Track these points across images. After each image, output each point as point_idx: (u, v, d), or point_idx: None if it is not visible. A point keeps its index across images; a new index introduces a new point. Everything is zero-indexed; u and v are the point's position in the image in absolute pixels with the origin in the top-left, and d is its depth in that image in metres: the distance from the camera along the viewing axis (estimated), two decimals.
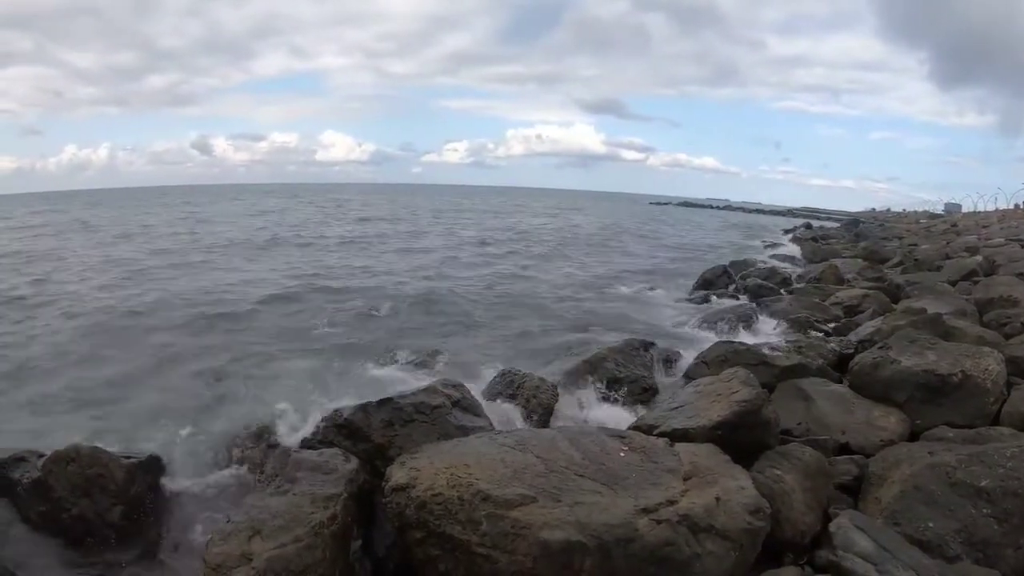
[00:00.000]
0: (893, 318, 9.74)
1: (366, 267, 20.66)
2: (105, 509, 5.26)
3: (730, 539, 4.01)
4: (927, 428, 6.16)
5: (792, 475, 4.93)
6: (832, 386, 7.39)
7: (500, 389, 7.51)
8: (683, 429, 5.48)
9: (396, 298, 14.86)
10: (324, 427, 6.02)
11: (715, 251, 31.72)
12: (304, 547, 4.15)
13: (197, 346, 10.73)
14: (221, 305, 13.89)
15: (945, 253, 20.98)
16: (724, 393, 5.80)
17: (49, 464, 5.34)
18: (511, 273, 20.81)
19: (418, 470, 4.47)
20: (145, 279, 17.34)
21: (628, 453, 4.90)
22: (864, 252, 24.16)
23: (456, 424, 5.99)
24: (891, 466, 5.21)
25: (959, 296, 12.20)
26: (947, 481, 4.70)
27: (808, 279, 17.55)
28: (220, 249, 24.51)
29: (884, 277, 16.49)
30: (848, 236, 38.43)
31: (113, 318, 12.78)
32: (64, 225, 37.82)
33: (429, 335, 11.76)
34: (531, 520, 3.94)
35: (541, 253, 26.80)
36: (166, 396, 8.35)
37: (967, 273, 15.28)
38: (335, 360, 9.79)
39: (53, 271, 18.76)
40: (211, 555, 4.06)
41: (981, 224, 37.56)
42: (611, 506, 4.09)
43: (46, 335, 11.45)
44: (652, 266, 24.26)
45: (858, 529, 4.19)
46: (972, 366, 6.57)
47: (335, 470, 5.01)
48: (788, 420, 6.39)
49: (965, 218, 50.30)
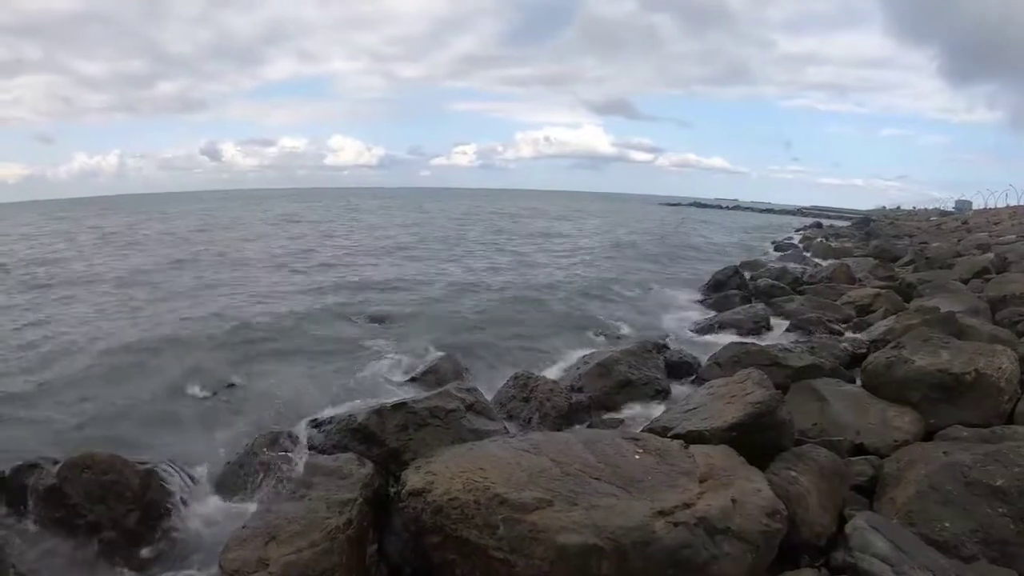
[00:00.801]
0: (906, 317, 9.73)
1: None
2: (121, 515, 5.24)
3: (747, 541, 4.01)
4: (941, 428, 6.15)
5: (807, 476, 4.92)
6: (846, 386, 7.38)
7: (513, 392, 7.51)
8: (698, 431, 5.47)
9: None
10: (339, 431, 6.04)
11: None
12: (320, 552, 4.17)
13: (214, 357, 10.75)
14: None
15: (956, 251, 20.90)
16: (738, 394, 5.78)
17: (64, 471, 5.32)
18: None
19: (434, 474, 4.48)
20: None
21: (643, 455, 4.89)
22: (875, 251, 24.11)
23: (470, 428, 6.01)
24: (906, 466, 5.20)
25: (971, 294, 12.15)
26: (962, 481, 4.67)
27: (820, 279, 17.48)
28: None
29: (896, 276, 16.46)
30: (859, 235, 38.31)
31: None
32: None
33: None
34: (548, 524, 3.94)
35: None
36: (181, 401, 8.39)
37: (979, 271, 15.21)
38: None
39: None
40: (227, 560, 4.08)
41: (992, 221, 37.38)
42: (627, 509, 4.09)
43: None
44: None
45: (874, 530, 4.17)
46: (986, 365, 6.53)
47: (350, 475, 5.03)
48: (802, 421, 6.37)
49: (976, 215, 50.09)
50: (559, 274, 21.43)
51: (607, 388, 8.19)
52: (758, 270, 19.94)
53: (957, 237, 28.11)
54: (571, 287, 18.48)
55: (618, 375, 8.28)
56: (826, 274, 17.96)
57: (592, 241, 36.09)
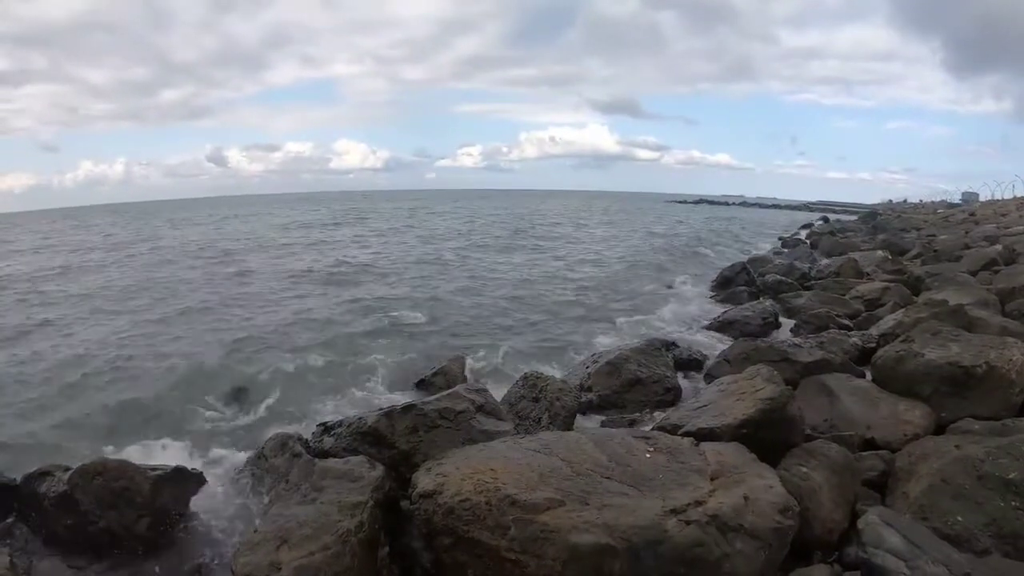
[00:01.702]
0: (915, 310, 9.69)
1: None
2: (132, 521, 5.26)
3: (759, 538, 3.99)
4: (952, 421, 6.12)
5: (819, 472, 4.91)
6: (856, 381, 7.34)
7: (523, 392, 7.50)
8: (708, 428, 5.45)
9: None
10: (349, 434, 6.03)
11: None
12: (332, 555, 4.16)
13: (226, 356, 10.78)
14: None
15: (964, 243, 20.85)
16: (748, 391, 5.77)
17: (76, 477, 5.34)
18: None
19: (445, 476, 4.47)
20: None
21: (654, 454, 4.88)
22: (883, 244, 24.02)
23: (480, 428, 5.98)
24: (918, 460, 5.16)
25: (980, 287, 12.07)
26: (974, 474, 4.65)
27: (827, 273, 17.42)
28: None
29: (904, 269, 16.38)
30: (866, 229, 38.17)
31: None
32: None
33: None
34: (560, 524, 3.93)
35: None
36: (192, 406, 8.40)
37: (987, 263, 15.19)
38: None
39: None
40: (239, 565, 4.07)
41: (1000, 213, 37.22)
42: (639, 508, 4.08)
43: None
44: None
45: (887, 525, 4.14)
46: (996, 357, 6.50)
47: (361, 477, 5.01)
48: (813, 416, 6.36)
49: (983, 207, 49.86)
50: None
51: (617, 387, 8.19)
52: (765, 266, 19.87)
53: (965, 229, 28.01)
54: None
55: (628, 373, 8.27)
56: (834, 268, 17.88)
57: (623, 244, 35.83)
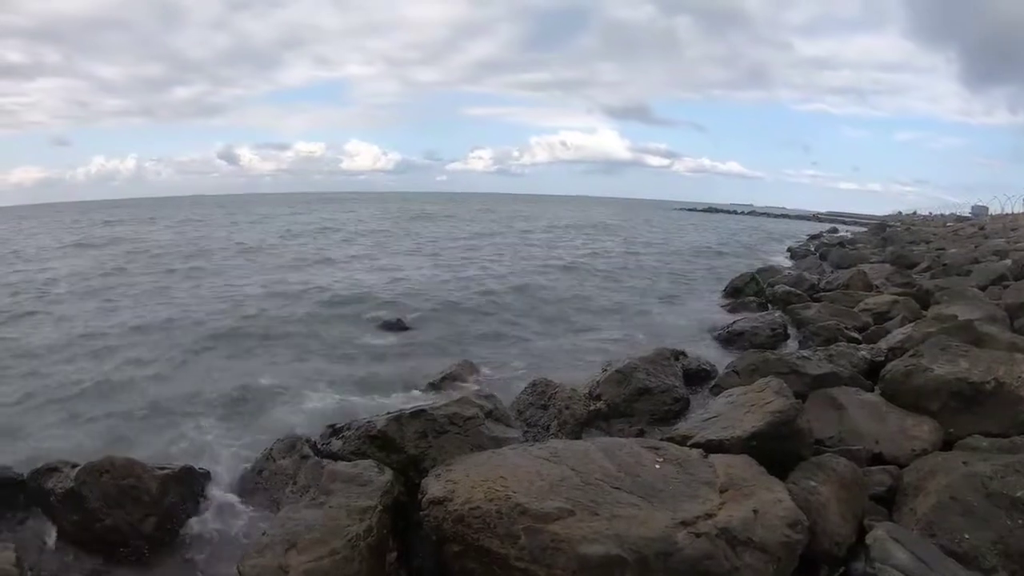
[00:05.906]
0: (924, 324, 9.66)
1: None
2: (139, 520, 5.27)
3: (768, 552, 3.99)
4: (960, 437, 6.11)
5: (827, 486, 4.88)
6: (864, 395, 7.30)
7: (531, 400, 7.51)
8: (717, 440, 5.44)
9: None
10: (357, 438, 6.02)
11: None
12: (340, 560, 4.17)
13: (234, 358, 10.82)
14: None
15: (974, 257, 20.75)
16: (757, 403, 5.77)
17: (82, 475, 5.35)
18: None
19: (455, 483, 4.49)
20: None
21: (663, 465, 4.88)
22: (892, 257, 23.93)
23: (489, 435, 6.00)
24: (926, 476, 5.15)
25: (989, 301, 12.00)
26: (983, 491, 4.64)
27: (836, 285, 17.36)
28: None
29: (913, 282, 16.28)
30: (875, 241, 38.05)
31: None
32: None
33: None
34: (570, 534, 3.94)
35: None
36: (199, 406, 8.43)
37: (996, 277, 15.12)
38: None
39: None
40: (246, 568, 4.08)
41: (1009, 227, 37.07)
42: (649, 519, 4.09)
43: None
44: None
45: (895, 541, 4.15)
46: (1006, 373, 6.48)
47: (370, 482, 5.03)
48: (821, 430, 6.34)
49: (993, 221, 49.63)
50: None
51: (625, 395, 8.16)
52: (774, 277, 19.83)
53: (974, 243, 27.90)
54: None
55: (636, 383, 8.24)
56: (843, 281, 17.82)
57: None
